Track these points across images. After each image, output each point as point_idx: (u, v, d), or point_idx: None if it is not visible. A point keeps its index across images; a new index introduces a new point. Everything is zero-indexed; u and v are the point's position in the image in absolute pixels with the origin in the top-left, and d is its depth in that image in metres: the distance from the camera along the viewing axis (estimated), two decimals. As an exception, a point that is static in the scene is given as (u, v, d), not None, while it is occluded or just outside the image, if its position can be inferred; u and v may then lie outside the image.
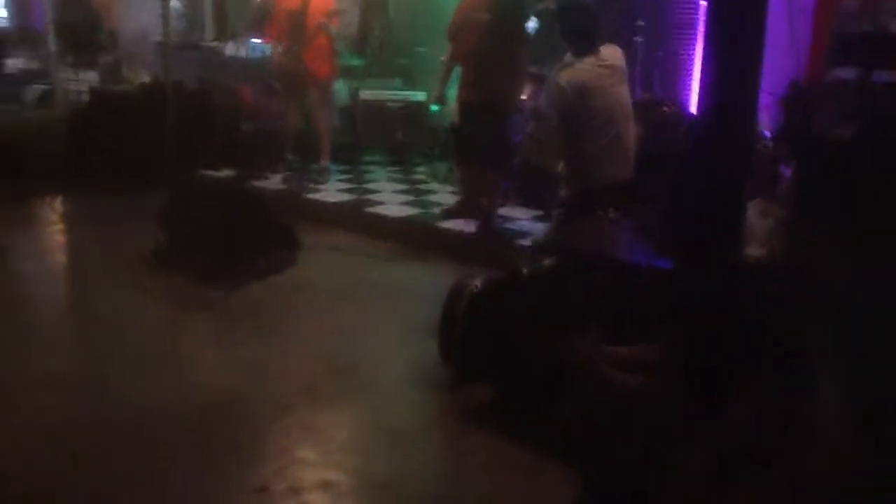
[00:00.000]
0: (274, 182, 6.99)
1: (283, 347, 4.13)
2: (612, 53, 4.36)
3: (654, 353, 2.79)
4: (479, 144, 5.40)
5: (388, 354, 4.09)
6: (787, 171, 4.34)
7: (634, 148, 4.44)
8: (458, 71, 5.84)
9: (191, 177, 6.61)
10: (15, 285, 5.04)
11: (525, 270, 3.69)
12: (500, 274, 3.72)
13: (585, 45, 4.25)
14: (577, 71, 4.17)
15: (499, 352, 3.30)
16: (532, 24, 4.91)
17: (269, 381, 3.76)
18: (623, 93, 4.35)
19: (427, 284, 4.97)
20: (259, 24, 7.24)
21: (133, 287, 4.91)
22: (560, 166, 4.74)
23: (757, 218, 3.41)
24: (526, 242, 5.43)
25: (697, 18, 6.64)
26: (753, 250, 3.22)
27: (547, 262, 3.67)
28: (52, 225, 6.41)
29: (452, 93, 6.03)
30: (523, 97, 5.88)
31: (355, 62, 8.25)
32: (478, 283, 3.65)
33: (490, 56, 5.25)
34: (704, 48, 3.32)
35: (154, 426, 3.32)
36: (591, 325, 3.01)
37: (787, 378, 2.69)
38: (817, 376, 2.59)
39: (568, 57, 4.35)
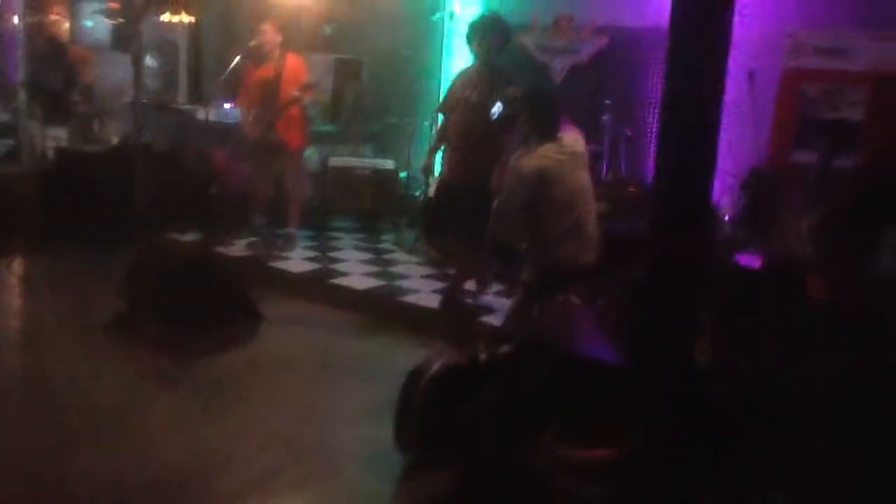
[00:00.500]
0: (239, 248, 6.95)
1: (241, 427, 4.04)
2: (572, 140, 4.43)
3: (613, 456, 2.76)
4: (462, 223, 5.41)
5: (348, 438, 4.01)
6: (743, 259, 4.38)
7: (596, 232, 4.47)
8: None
9: (154, 241, 6.55)
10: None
11: (483, 356, 3.67)
12: (458, 359, 3.69)
13: (546, 131, 4.30)
14: (537, 157, 4.22)
15: (455, 445, 3.26)
16: (496, 109, 4.96)
17: (226, 464, 3.67)
18: (584, 178, 4.41)
19: (389, 361, 4.92)
20: (232, 89, 7.27)
21: (91, 357, 4.81)
22: (522, 245, 4.76)
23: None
24: (490, 319, 5.45)
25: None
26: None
27: (505, 348, 3.64)
28: (12, 285, 6.30)
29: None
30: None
31: (327, 129, 8.30)
32: (435, 368, 3.62)
33: (478, 137, 5.27)
34: (659, 127, 3.29)
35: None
36: (549, 424, 2.97)
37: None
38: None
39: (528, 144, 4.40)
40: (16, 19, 10.56)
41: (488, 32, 5.36)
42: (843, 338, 3.81)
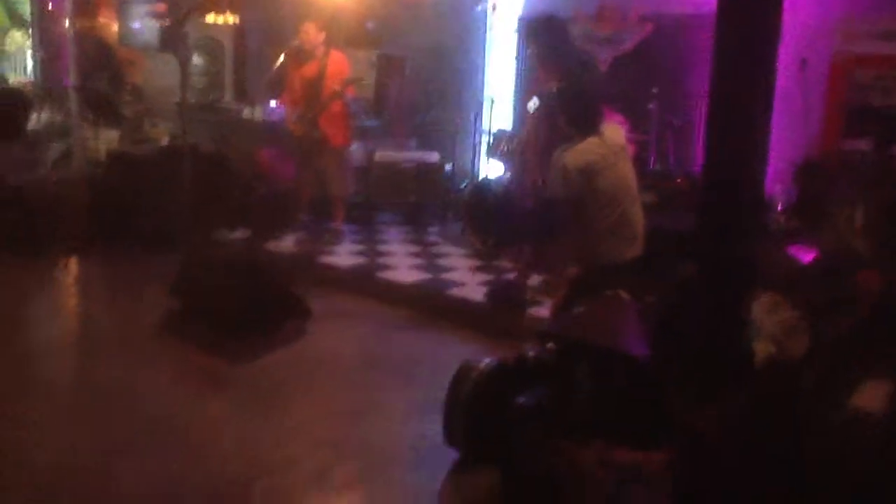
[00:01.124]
0: (287, 244, 7.03)
1: (291, 428, 4.08)
2: (613, 133, 4.38)
3: (656, 462, 2.73)
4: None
5: (397, 437, 4.03)
6: (800, 254, 4.29)
7: (643, 226, 4.43)
8: None
9: (204, 241, 6.66)
10: (23, 352, 5.03)
11: (531, 354, 3.66)
12: (506, 356, 3.69)
13: (587, 126, 4.27)
14: (579, 152, 4.19)
15: (501, 443, 3.26)
16: (532, 104, 4.95)
17: (277, 467, 3.71)
18: (627, 171, 4.36)
19: (437, 357, 4.95)
20: (276, 88, 7.34)
21: (143, 358, 4.90)
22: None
23: (764, 314, 3.36)
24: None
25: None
26: (762, 348, 3.15)
27: (552, 346, 3.63)
28: (66, 289, 6.45)
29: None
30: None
31: (371, 123, 8.33)
32: (482, 367, 3.62)
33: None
34: (708, 116, 3.21)
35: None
36: (593, 428, 2.96)
37: None
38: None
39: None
40: (66, 23, 10.80)
41: (543, 33, 5.35)
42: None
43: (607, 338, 3.60)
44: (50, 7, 11.75)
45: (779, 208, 5.51)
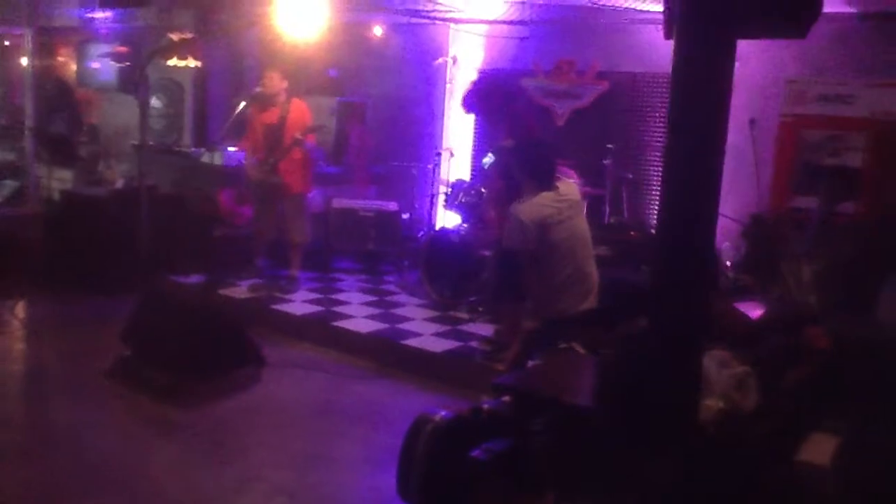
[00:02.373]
0: (242, 290, 6.98)
1: (244, 478, 4.02)
2: (568, 188, 4.48)
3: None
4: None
5: (352, 489, 4.01)
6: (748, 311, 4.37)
7: (597, 279, 4.49)
8: None
9: (158, 285, 6.58)
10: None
11: (486, 406, 3.66)
12: (461, 411, 3.68)
13: (542, 180, 4.35)
14: (535, 206, 4.26)
15: (456, 499, 3.24)
16: (488, 160, 5.06)
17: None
18: (582, 225, 4.44)
19: (392, 406, 4.97)
20: (236, 133, 7.34)
21: (93, 403, 4.81)
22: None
23: (714, 369, 3.42)
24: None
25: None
26: (712, 403, 3.20)
27: (507, 399, 3.63)
28: (15, 329, 6.31)
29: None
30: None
31: (331, 170, 8.37)
32: (437, 420, 3.61)
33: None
34: (663, 173, 3.30)
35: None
36: (548, 482, 2.97)
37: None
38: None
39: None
40: (24, 61, 10.72)
41: (484, 99, 5.50)
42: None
43: (562, 391, 3.62)
44: (7, 44, 11.69)
45: (727, 264, 5.63)
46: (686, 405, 3.04)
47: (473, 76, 7.99)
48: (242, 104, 6.85)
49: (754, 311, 4.59)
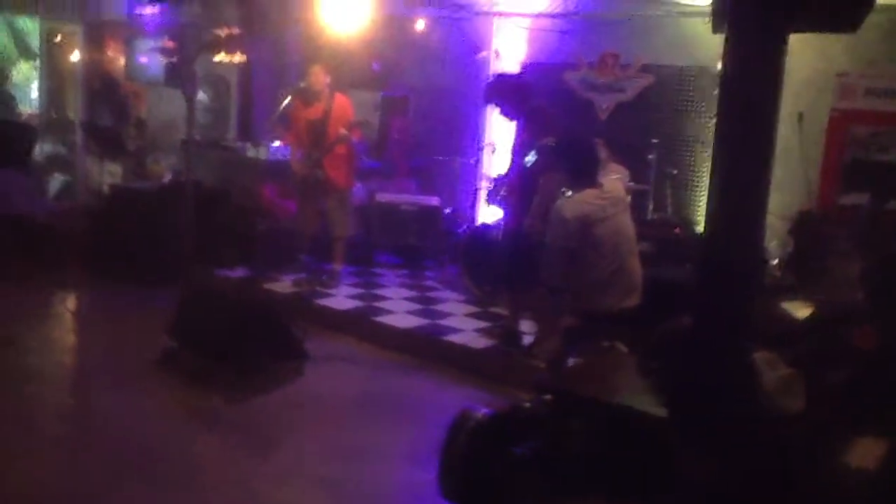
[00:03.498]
0: (286, 284, 7.05)
1: (286, 470, 4.08)
2: (613, 185, 4.45)
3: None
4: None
5: (393, 483, 4.04)
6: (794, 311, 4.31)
7: (640, 276, 4.46)
8: None
9: (203, 279, 6.68)
10: (16, 383, 5.01)
11: (527, 405, 3.66)
12: (502, 409, 3.68)
13: (586, 177, 4.32)
14: (579, 203, 4.24)
15: (497, 497, 3.25)
16: (530, 158, 5.06)
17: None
18: (626, 222, 4.41)
19: (433, 402, 5.00)
20: (281, 128, 7.41)
21: (138, 393, 4.90)
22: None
23: (761, 370, 3.38)
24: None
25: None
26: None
27: (548, 398, 3.63)
28: (65, 320, 6.46)
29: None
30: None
31: (373, 164, 8.41)
32: (479, 416, 3.62)
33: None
34: (711, 170, 3.27)
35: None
36: (588, 482, 2.96)
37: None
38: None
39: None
40: (74, 56, 10.96)
41: (504, 94, 5.60)
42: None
43: (604, 391, 3.60)
44: (58, 39, 11.93)
45: (774, 262, 5.54)
46: (742, 407, 3.01)
47: (516, 69, 7.98)
48: (287, 99, 6.90)
49: (801, 311, 4.52)
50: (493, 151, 7.79)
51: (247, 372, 5.13)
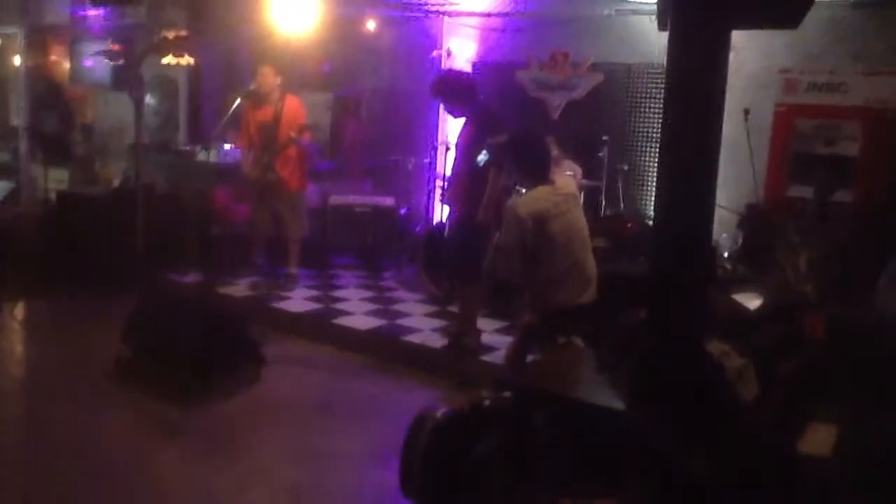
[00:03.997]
0: (241, 289, 6.99)
1: (249, 477, 4.05)
2: (565, 181, 4.49)
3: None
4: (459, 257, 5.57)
5: (356, 486, 4.04)
6: (746, 302, 4.40)
7: (595, 271, 4.51)
8: None
9: (157, 284, 6.59)
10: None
11: (486, 402, 3.68)
12: (461, 405, 3.70)
13: (537, 175, 4.36)
14: (531, 200, 4.27)
15: (459, 494, 3.27)
16: (482, 157, 5.10)
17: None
18: (579, 218, 4.45)
19: (393, 402, 5.00)
20: (231, 131, 7.34)
21: (94, 405, 4.82)
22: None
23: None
24: (491, 359, 5.47)
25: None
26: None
27: (507, 394, 3.65)
28: (14, 331, 6.32)
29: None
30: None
31: (326, 166, 8.37)
32: (439, 415, 3.63)
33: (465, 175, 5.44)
34: (659, 165, 3.32)
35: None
36: (549, 477, 2.99)
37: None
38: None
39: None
40: (17, 60, 10.71)
41: (449, 91, 5.63)
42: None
43: (563, 386, 3.64)
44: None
45: (725, 255, 5.65)
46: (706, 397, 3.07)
47: (467, 68, 8.01)
48: (237, 102, 6.83)
49: (752, 302, 4.63)
50: (447, 150, 7.81)
51: (204, 378, 5.07)
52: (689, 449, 2.90)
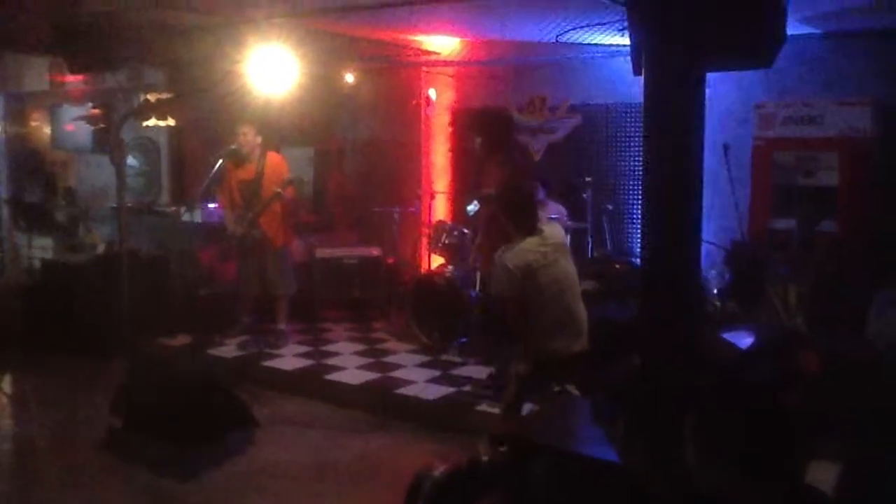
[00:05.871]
0: (230, 349, 6.93)
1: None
2: (553, 230, 4.50)
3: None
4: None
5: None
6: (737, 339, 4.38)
7: (586, 318, 4.50)
8: None
9: (145, 350, 6.51)
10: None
11: (484, 458, 3.63)
12: (459, 465, 3.65)
13: (526, 226, 4.37)
14: (520, 251, 4.28)
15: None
16: (472, 207, 5.12)
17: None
18: (568, 267, 4.46)
19: (390, 459, 4.94)
20: (215, 190, 7.33)
21: (86, 482, 4.72)
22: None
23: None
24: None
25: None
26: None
27: (505, 449, 3.62)
28: (2, 407, 6.22)
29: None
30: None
31: (311, 219, 8.37)
32: (438, 475, 3.58)
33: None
34: (643, 202, 3.31)
35: None
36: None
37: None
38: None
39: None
40: (-4, 129, 10.70)
41: (490, 125, 5.66)
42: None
43: (559, 437, 3.61)
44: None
45: (714, 292, 5.65)
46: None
47: (447, 116, 8.08)
48: (219, 163, 6.83)
49: (743, 339, 4.61)
50: (431, 199, 7.83)
51: (197, 446, 5.00)
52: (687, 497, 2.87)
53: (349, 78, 8.23)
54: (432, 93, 8.12)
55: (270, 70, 6.54)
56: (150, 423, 5.10)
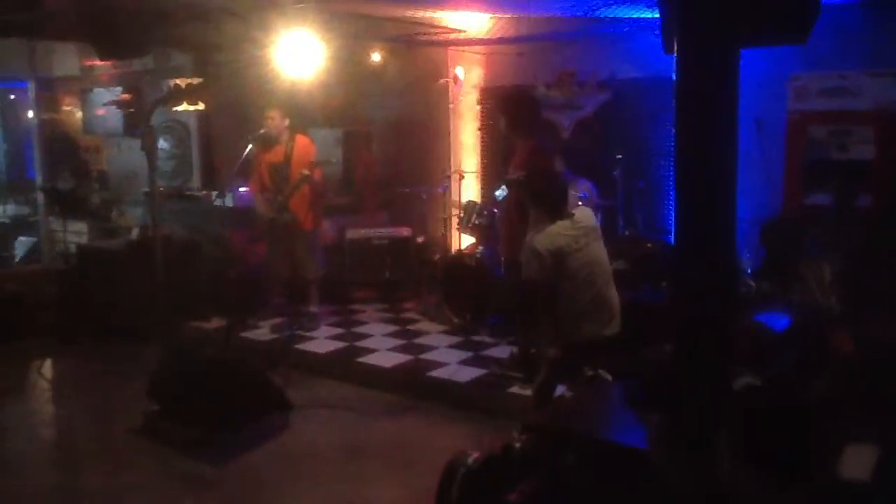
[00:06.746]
0: (263, 332, 6.99)
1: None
2: (583, 214, 4.45)
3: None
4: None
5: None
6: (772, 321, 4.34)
7: (617, 303, 4.47)
8: None
9: (179, 334, 6.60)
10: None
11: (517, 445, 3.64)
12: (493, 451, 3.67)
13: (555, 210, 4.33)
14: (550, 236, 4.24)
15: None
16: (500, 192, 5.08)
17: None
18: (600, 250, 4.42)
19: (424, 443, 4.97)
20: (245, 173, 7.36)
21: (125, 466, 4.82)
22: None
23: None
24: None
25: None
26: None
27: (536, 435, 3.62)
28: (42, 391, 6.35)
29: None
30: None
31: (341, 200, 8.37)
32: (471, 461, 3.60)
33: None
34: (676, 180, 3.25)
35: None
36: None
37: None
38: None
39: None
40: (30, 114, 10.83)
41: (514, 105, 5.58)
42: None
43: (592, 425, 3.61)
44: (12, 97, 11.80)
45: (748, 272, 5.58)
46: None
47: (475, 95, 8.02)
48: (248, 148, 6.86)
49: (777, 321, 4.56)
50: (460, 178, 7.80)
51: (232, 430, 5.07)
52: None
53: (376, 58, 8.20)
54: (460, 71, 8.04)
55: (297, 53, 6.54)
56: (185, 407, 5.18)
